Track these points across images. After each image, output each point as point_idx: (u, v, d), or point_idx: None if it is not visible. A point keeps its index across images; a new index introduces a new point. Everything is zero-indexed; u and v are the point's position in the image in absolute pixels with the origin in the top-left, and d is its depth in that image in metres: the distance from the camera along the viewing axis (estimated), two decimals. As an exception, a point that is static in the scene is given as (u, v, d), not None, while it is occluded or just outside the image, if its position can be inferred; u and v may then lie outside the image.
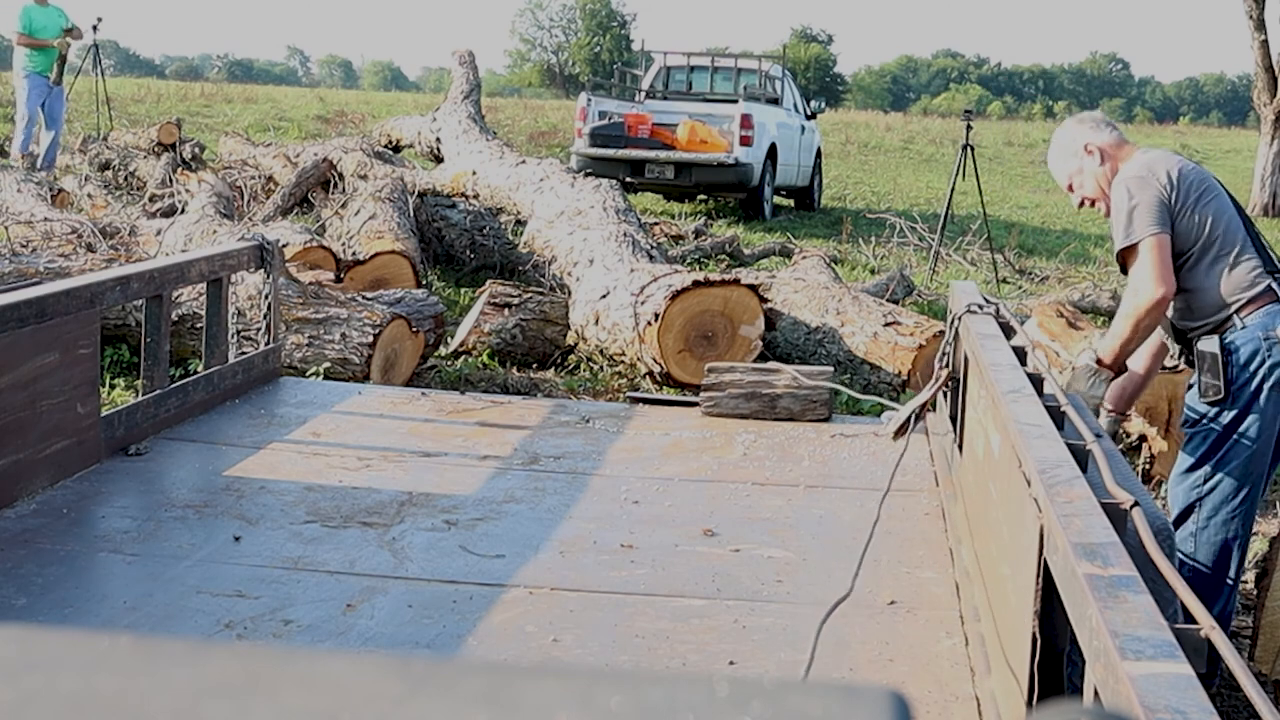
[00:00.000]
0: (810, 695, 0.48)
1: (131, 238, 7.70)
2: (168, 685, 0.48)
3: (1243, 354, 3.36)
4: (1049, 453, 2.12)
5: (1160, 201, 3.39)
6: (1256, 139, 20.00)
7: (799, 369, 4.75)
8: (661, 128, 13.79)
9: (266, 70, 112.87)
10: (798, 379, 4.62)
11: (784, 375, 4.65)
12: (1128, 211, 3.38)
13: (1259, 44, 18.41)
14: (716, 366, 4.75)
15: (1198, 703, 1.23)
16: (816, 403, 4.60)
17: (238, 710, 0.47)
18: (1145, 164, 3.49)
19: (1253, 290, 3.39)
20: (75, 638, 0.51)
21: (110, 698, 0.47)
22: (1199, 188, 3.46)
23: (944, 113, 50.45)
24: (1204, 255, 3.43)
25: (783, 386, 4.61)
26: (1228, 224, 3.45)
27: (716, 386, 4.66)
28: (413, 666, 0.50)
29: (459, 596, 2.90)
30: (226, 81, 53.94)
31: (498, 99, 34.62)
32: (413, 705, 0.47)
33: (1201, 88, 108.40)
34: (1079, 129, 3.64)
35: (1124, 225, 3.38)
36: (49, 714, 0.47)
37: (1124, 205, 3.40)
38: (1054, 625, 1.89)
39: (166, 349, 4.19)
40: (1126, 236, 3.37)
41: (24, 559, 3.01)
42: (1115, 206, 3.45)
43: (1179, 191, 3.42)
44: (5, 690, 0.47)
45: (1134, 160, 3.54)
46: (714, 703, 0.47)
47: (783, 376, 4.64)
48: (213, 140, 15.23)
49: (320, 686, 0.48)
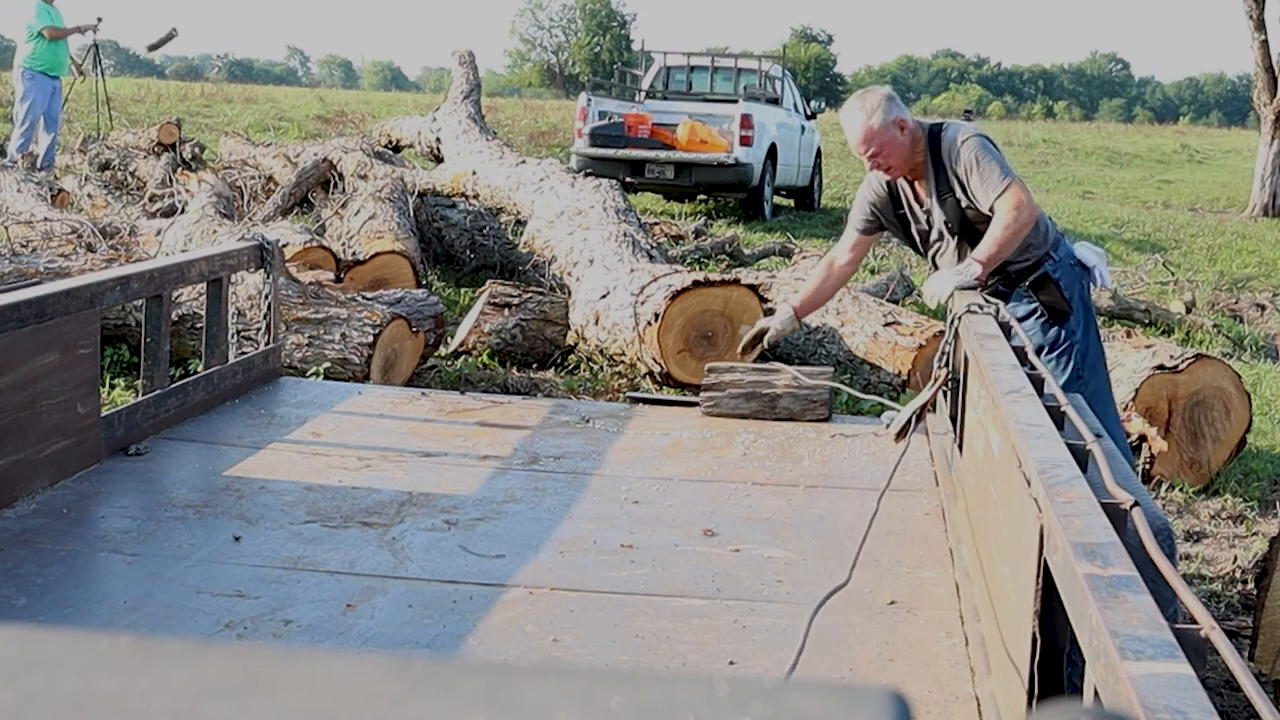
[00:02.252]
0: (810, 695, 0.48)
1: (131, 238, 7.70)
2: (168, 685, 0.48)
3: (1065, 278, 4.13)
4: (1049, 453, 2.12)
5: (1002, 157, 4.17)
6: (1256, 139, 20.00)
7: (799, 369, 4.75)
8: (661, 128, 13.79)
9: (266, 70, 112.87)
10: (798, 379, 4.62)
11: (784, 375, 4.64)
12: (995, 160, 4.07)
13: (1259, 44, 18.42)
14: (716, 366, 4.74)
15: (1198, 703, 1.23)
16: (816, 403, 4.60)
17: (238, 710, 0.47)
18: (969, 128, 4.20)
19: (1053, 230, 4.21)
20: (75, 638, 0.51)
21: (110, 698, 0.47)
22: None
23: (944, 113, 50.46)
24: None
25: (783, 386, 4.61)
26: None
27: (716, 386, 4.66)
28: (413, 666, 0.50)
29: (459, 596, 2.90)
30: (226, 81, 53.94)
31: (498, 99, 34.62)
32: (413, 705, 0.47)
33: (1201, 88, 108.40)
34: (892, 105, 4.14)
35: (999, 169, 4.05)
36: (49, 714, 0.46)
37: (990, 155, 4.08)
38: (1054, 625, 1.89)
39: (166, 349, 4.19)
40: (1005, 175, 4.03)
41: (24, 559, 3.01)
42: (979, 158, 4.06)
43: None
44: (5, 690, 0.47)
45: (952, 124, 4.24)
46: (714, 703, 0.47)
47: (783, 376, 4.64)
48: (213, 140, 15.22)
49: (320, 686, 0.48)
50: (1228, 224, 17.03)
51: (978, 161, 4.05)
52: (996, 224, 4.02)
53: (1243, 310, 10.33)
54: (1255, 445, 6.01)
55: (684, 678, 0.49)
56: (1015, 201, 4.00)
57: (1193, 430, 5.53)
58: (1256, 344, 9.28)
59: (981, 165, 4.05)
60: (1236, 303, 10.56)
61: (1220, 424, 5.55)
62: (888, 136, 4.10)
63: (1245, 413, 5.59)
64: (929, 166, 4.15)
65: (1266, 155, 18.57)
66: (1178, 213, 18.75)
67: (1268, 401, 7.06)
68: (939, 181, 4.16)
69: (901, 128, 4.11)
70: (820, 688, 0.49)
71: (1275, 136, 18.40)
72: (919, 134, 4.15)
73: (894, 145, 4.12)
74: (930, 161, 4.15)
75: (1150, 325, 9.03)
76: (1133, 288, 10.31)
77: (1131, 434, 5.42)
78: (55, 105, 12.83)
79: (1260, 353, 9.04)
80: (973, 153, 4.07)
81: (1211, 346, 8.64)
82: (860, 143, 4.15)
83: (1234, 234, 15.83)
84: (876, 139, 4.11)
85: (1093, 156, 29.08)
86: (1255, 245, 14.99)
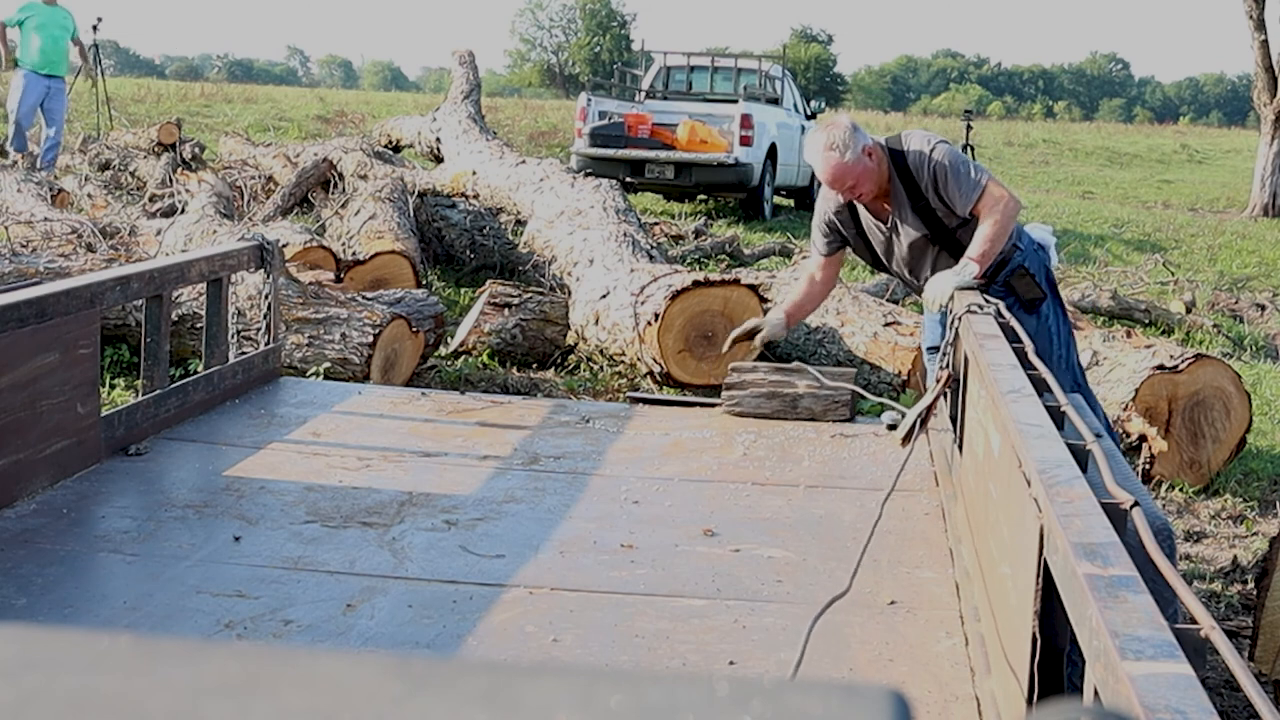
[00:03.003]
0: (810, 695, 0.48)
1: (131, 238, 7.71)
2: (168, 685, 0.48)
3: (1033, 264, 4.28)
4: (1049, 453, 2.12)
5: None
6: (1256, 139, 20.00)
7: (821, 369, 4.75)
8: (661, 128, 13.79)
9: (266, 70, 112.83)
10: (820, 379, 4.61)
11: (806, 376, 4.64)
12: (967, 163, 4.23)
13: (1259, 44, 18.42)
14: (740, 366, 4.72)
15: (1198, 703, 1.23)
16: (838, 404, 4.58)
17: (238, 710, 0.47)
18: (929, 137, 4.31)
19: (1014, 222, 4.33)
20: (75, 637, 0.51)
21: (110, 697, 0.47)
22: None
23: (944, 113, 50.45)
24: None
25: (804, 387, 4.60)
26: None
27: (738, 386, 4.64)
28: (413, 666, 0.50)
29: (459, 596, 2.90)
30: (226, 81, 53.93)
31: (498, 99, 34.61)
32: (413, 705, 0.47)
33: (1201, 88, 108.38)
34: (858, 135, 4.21)
35: (971, 173, 4.19)
36: (49, 714, 0.47)
37: (961, 160, 4.22)
38: (1054, 625, 1.89)
39: (166, 349, 4.19)
40: (978, 175, 4.18)
41: (24, 559, 3.01)
42: (952, 165, 4.18)
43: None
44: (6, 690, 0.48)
45: (911, 136, 4.30)
46: (714, 703, 0.48)
47: (804, 377, 4.63)
48: (213, 140, 15.22)
49: (321, 686, 0.48)
50: (1228, 224, 17.04)
51: (950, 168, 4.17)
52: (984, 222, 4.11)
53: (1243, 310, 10.33)
54: (1255, 445, 6.01)
55: (684, 678, 0.49)
56: (995, 197, 4.12)
57: (1193, 430, 5.53)
58: (1256, 344, 9.28)
59: (954, 171, 4.17)
60: (1236, 303, 10.55)
61: (1220, 424, 5.54)
62: (860, 168, 4.18)
63: (1245, 413, 5.59)
64: (895, 183, 4.24)
65: (1266, 155, 18.57)
66: (1178, 213, 18.76)
67: (1268, 401, 7.06)
68: (911, 196, 4.24)
69: (870, 154, 4.20)
70: (820, 687, 0.49)
71: (1275, 136, 18.40)
72: (882, 155, 4.24)
73: (867, 174, 4.20)
74: (897, 178, 4.23)
75: (1150, 325, 9.03)
76: (1133, 288, 10.32)
77: (1131, 434, 5.43)
78: (58, 104, 12.72)
79: (1260, 353, 9.05)
80: (944, 160, 4.18)
81: (1211, 346, 8.64)
82: (834, 180, 4.23)
83: (1234, 234, 15.83)
84: (851, 173, 4.19)
85: (1093, 156, 29.09)
86: (1255, 245, 15.00)
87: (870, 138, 4.26)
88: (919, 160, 4.19)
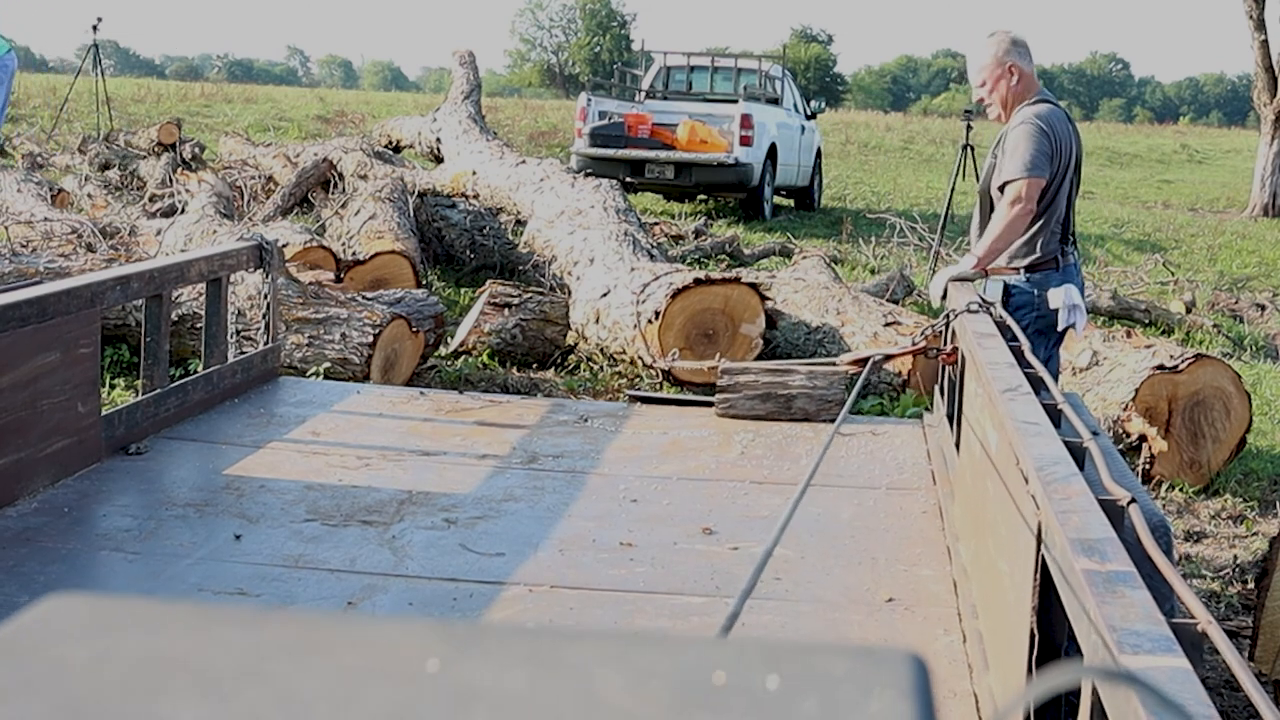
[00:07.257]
0: (835, 656, 0.50)
1: (131, 238, 7.71)
2: (229, 647, 0.51)
3: (1018, 299, 4.12)
4: (1046, 450, 2.13)
5: (1049, 155, 4.08)
6: (1256, 139, 20.00)
7: (813, 362, 4.72)
8: (661, 128, 13.79)
9: (266, 70, 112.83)
10: (813, 372, 4.56)
11: (798, 375, 4.58)
12: (1030, 151, 4.04)
13: (1259, 44, 18.42)
14: (731, 368, 4.62)
15: (1195, 696, 1.24)
16: (832, 402, 4.56)
17: (298, 669, 0.50)
18: (1047, 115, 4.13)
19: (1043, 255, 4.14)
20: (141, 605, 0.55)
21: (175, 659, 0.51)
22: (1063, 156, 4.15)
23: (944, 113, 50.42)
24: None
25: (798, 387, 4.56)
26: (1056, 192, 4.15)
27: (731, 388, 4.58)
28: (456, 630, 0.53)
29: (459, 594, 2.91)
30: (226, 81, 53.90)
31: (498, 99, 34.59)
32: (458, 666, 0.50)
33: (1201, 88, 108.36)
34: (1015, 49, 4.16)
35: (1023, 158, 4.03)
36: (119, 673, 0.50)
37: (1030, 145, 4.04)
38: (1052, 621, 1.89)
39: (166, 349, 4.20)
40: (1024, 168, 4.03)
41: (25, 557, 3.01)
42: (1018, 140, 4.06)
43: (1060, 156, 4.13)
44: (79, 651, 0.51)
45: (1039, 105, 4.15)
46: (747, 662, 0.50)
47: (797, 376, 4.57)
48: (213, 140, 15.22)
49: (371, 649, 0.52)
50: (1228, 224, 17.04)
51: (1016, 142, 4.09)
52: (996, 217, 4.10)
53: (1243, 310, 10.33)
54: (1255, 445, 6.02)
55: (718, 641, 0.52)
56: (1015, 195, 4.06)
57: (1193, 430, 5.53)
58: (1256, 344, 9.28)
59: (1015, 146, 4.09)
60: (1236, 303, 10.56)
61: (1220, 424, 5.55)
62: (996, 69, 4.16)
63: (1245, 413, 5.59)
64: (1010, 122, 4.21)
65: (1266, 155, 18.57)
66: (1178, 213, 18.76)
67: (1268, 401, 7.06)
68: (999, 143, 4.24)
69: (1011, 72, 4.15)
70: (843, 650, 0.51)
71: (1275, 136, 18.40)
72: (1024, 93, 4.17)
73: (995, 82, 4.17)
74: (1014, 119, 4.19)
75: (1150, 325, 9.03)
76: (1133, 288, 10.32)
77: (1132, 434, 5.43)
78: None
79: (1260, 353, 9.05)
80: (1019, 133, 4.10)
81: (1211, 346, 8.64)
82: (972, 67, 4.23)
83: (1234, 234, 15.83)
84: (985, 69, 4.17)
85: (1093, 156, 29.04)
86: (1255, 245, 15.00)
87: (1026, 65, 4.20)
88: (1017, 118, 4.14)
